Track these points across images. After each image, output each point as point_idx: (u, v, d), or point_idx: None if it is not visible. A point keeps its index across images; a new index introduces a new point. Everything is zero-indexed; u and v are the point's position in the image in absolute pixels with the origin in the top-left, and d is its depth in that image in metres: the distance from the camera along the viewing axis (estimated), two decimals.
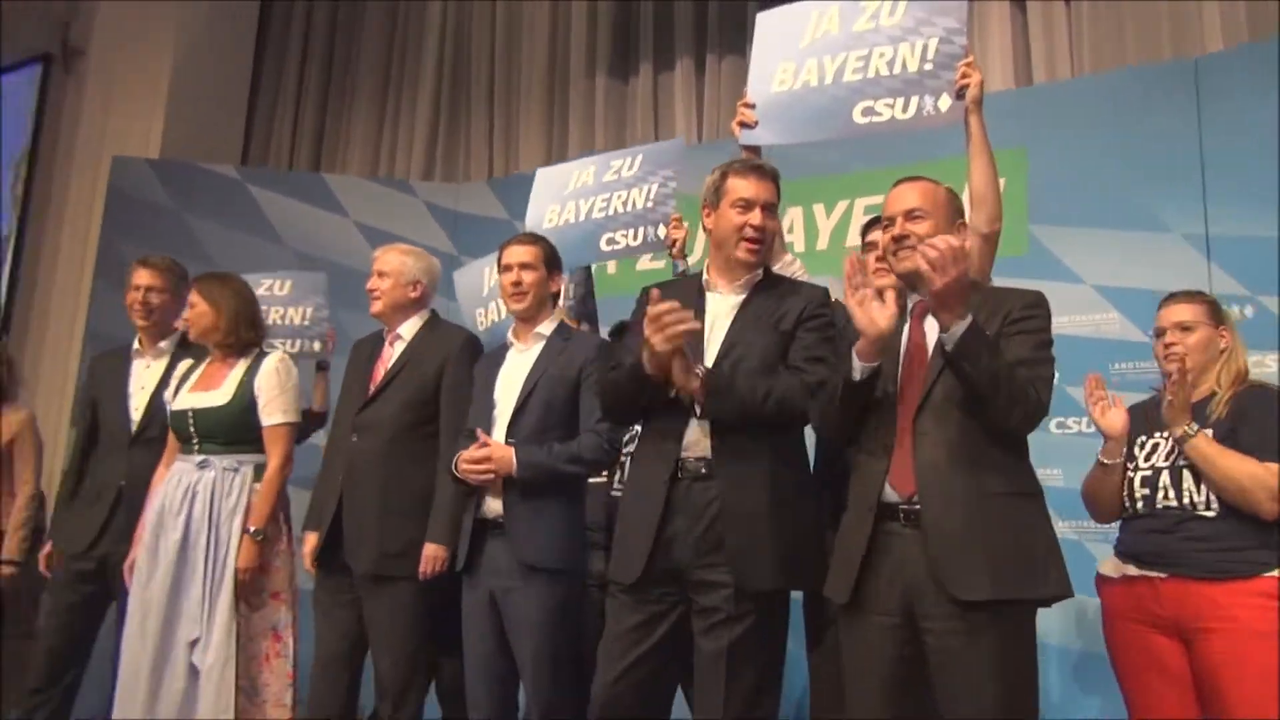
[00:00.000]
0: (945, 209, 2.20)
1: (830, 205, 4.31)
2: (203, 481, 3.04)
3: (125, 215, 5.29)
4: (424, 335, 3.14)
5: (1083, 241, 3.75)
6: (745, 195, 2.45)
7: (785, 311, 2.42)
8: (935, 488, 2.04)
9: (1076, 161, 3.81)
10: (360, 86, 6.54)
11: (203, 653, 2.93)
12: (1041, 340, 2.10)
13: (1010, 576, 1.98)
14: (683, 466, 2.35)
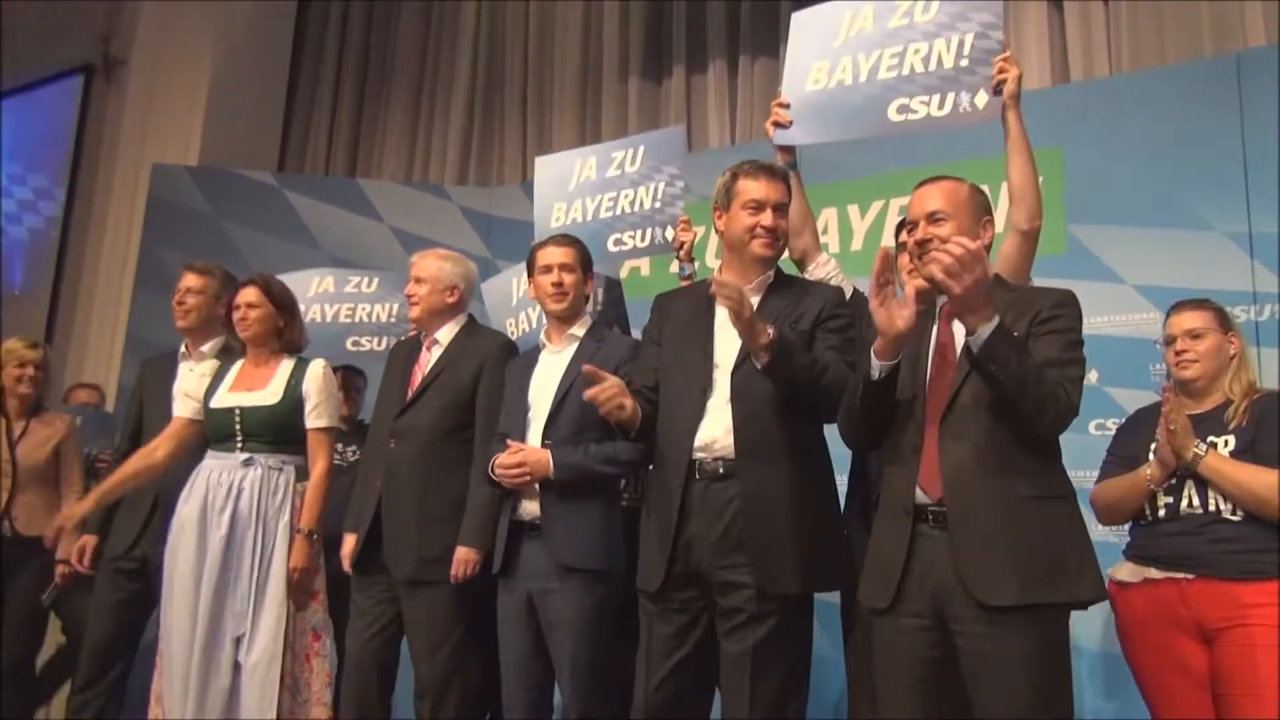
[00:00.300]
0: (969, 208, 2.17)
1: (865, 206, 4.29)
2: (248, 479, 3.06)
3: (165, 222, 5.36)
4: (461, 340, 3.16)
5: (1123, 240, 3.71)
6: (756, 196, 2.46)
7: (802, 312, 2.43)
8: (961, 491, 2.02)
9: (1115, 160, 3.76)
10: (394, 91, 6.61)
11: (247, 650, 2.95)
12: (1071, 340, 2.07)
13: (1039, 580, 1.96)
14: (700, 467, 2.36)
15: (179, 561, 3.00)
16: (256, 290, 3.22)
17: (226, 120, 6.22)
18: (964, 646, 2.00)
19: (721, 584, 2.31)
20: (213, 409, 3.14)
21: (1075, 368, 2.06)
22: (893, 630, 2.09)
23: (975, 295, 1.93)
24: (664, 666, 2.37)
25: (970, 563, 1.98)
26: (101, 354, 5.91)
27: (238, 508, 3.02)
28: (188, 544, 3.00)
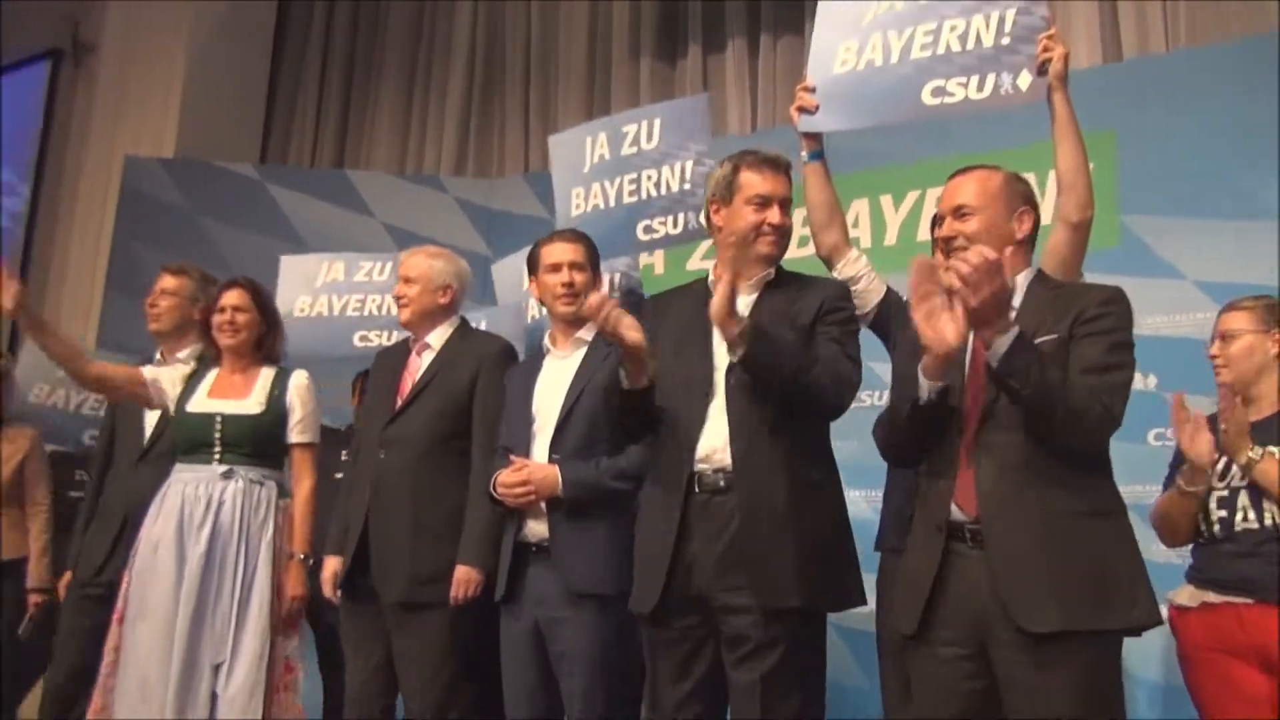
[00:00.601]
0: (1001, 199, 2.16)
1: (899, 197, 4.28)
2: (229, 491, 3.06)
3: (138, 218, 5.40)
4: (455, 343, 3.15)
5: (1181, 232, 3.69)
6: (761, 191, 2.45)
7: (802, 306, 2.42)
8: (998, 508, 2.01)
9: (1173, 144, 3.74)
10: (386, 76, 6.62)
11: (226, 679, 2.94)
12: (1115, 342, 2.04)
13: (1084, 605, 1.94)
14: (700, 480, 2.35)
15: (154, 581, 2.98)
16: (243, 293, 3.22)
17: (204, 108, 6.24)
18: (1004, 676, 1.98)
19: (722, 608, 2.31)
20: (189, 413, 3.13)
21: (1119, 373, 2.03)
22: (929, 660, 2.08)
23: (990, 308, 1.93)
24: (672, 699, 2.37)
25: (1009, 585, 1.96)
26: None
27: (218, 523, 3.02)
28: (163, 563, 2.98)
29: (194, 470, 3.10)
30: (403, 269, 3.20)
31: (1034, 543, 1.97)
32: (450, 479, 2.98)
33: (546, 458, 2.74)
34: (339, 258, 4.07)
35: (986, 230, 2.12)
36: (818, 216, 2.73)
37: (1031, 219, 2.17)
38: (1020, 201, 2.18)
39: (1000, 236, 2.13)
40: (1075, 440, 1.99)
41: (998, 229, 2.13)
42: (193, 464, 3.11)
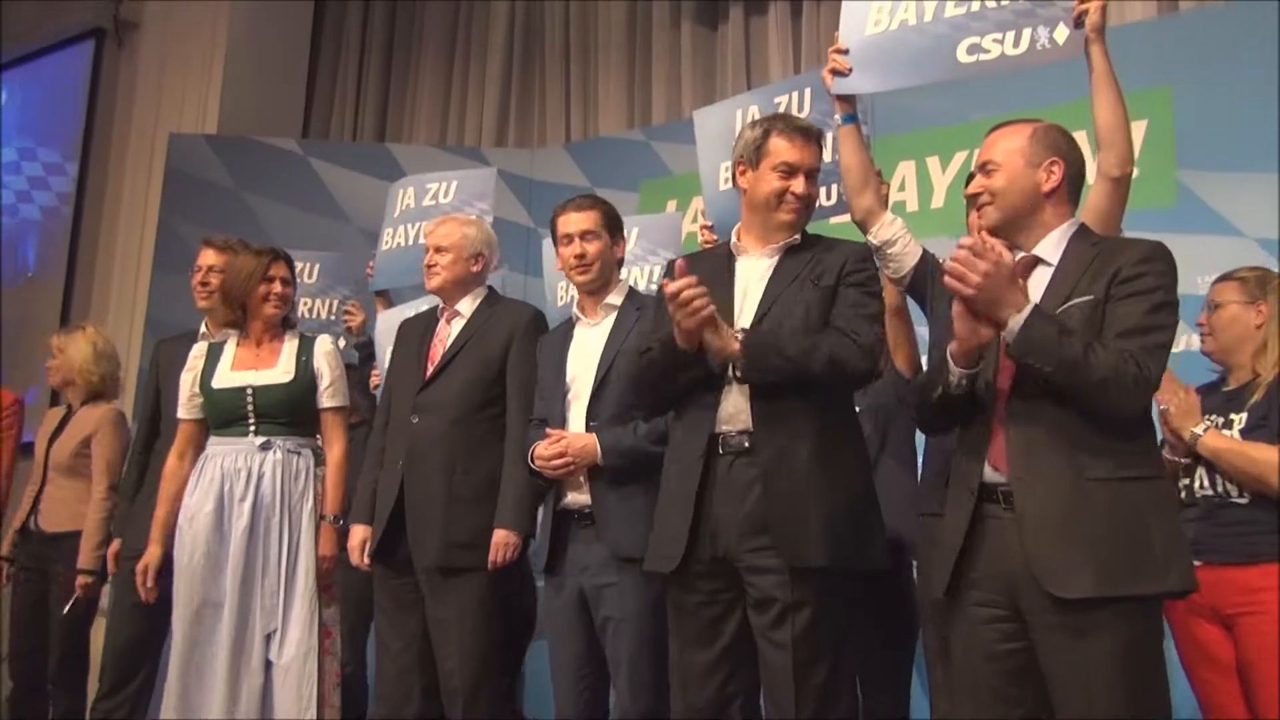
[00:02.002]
0: (1024, 153, 2.13)
1: (946, 158, 4.23)
2: (268, 463, 3.11)
3: (184, 195, 5.46)
4: (484, 311, 3.19)
5: (1241, 188, 3.62)
6: (789, 159, 2.44)
7: (825, 268, 2.41)
8: (1027, 472, 1.99)
9: (1231, 98, 3.67)
10: (426, 49, 6.64)
11: (280, 647, 3.01)
12: (1156, 303, 2.00)
13: (1117, 570, 1.91)
14: (723, 442, 2.36)
15: (194, 557, 3.04)
16: (287, 267, 3.29)
17: (246, 85, 6.28)
18: (1039, 641, 1.97)
19: (749, 569, 2.31)
20: (219, 390, 3.17)
21: (1158, 334, 1.99)
22: (967, 622, 2.07)
23: (988, 293, 1.92)
24: (697, 669, 2.37)
25: (1037, 549, 1.95)
26: (120, 337, 5.99)
27: (259, 495, 3.07)
28: (202, 537, 3.04)
29: (230, 443, 3.15)
30: (433, 238, 3.23)
31: (1064, 506, 1.95)
32: (484, 445, 3.02)
33: (584, 426, 2.77)
34: (410, 181, 4.09)
35: (1009, 184, 2.11)
36: (852, 180, 2.71)
37: (1061, 169, 2.14)
38: (1049, 152, 2.14)
39: (1024, 189, 2.12)
40: (1105, 405, 1.96)
41: (1022, 181, 2.11)
42: (228, 437, 3.16)
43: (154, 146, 6.18)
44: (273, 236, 4.92)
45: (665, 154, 5.08)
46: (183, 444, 3.21)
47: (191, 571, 3.04)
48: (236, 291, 3.21)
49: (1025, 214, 2.12)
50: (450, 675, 2.98)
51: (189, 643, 3.02)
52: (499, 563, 2.91)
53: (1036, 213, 2.12)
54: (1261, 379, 2.67)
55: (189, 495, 3.11)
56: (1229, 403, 2.71)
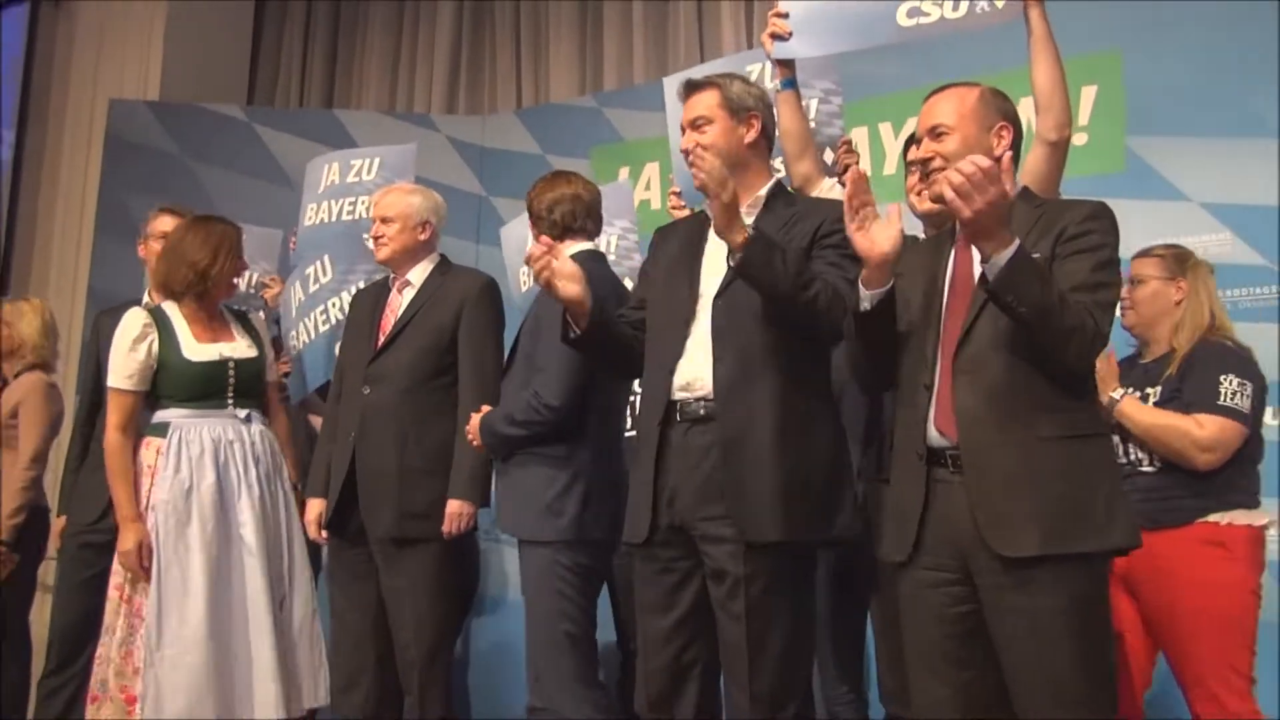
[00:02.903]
0: (976, 117, 2.13)
1: (898, 124, 4.22)
2: (255, 435, 3.13)
3: (126, 163, 5.34)
4: (436, 279, 3.18)
5: (1188, 153, 3.64)
6: (681, 121, 2.47)
7: (798, 230, 2.39)
8: (975, 433, 2.00)
9: (1180, 64, 3.68)
10: (374, 13, 6.52)
11: (290, 611, 3.06)
12: (1101, 260, 2.02)
13: (1064, 529, 1.94)
14: (681, 409, 2.34)
15: (203, 533, 2.97)
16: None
17: (188, 49, 6.14)
18: (988, 602, 1.99)
19: (703, 537, 2.30)
20: (198, 362, 3.11)
21: (1106, 291, 2.02)
22: (915, 585, 2.08)
23: (989, 219, 1.88)
24: (657, 635, 2.38)
25: (987, 511, 1.96)
26: (62, 308, 5.87)
27: (259, 466, 3.09)
28: (212, 512, 2.99)
29: (210, 415, 3.10)
30: (378, 209, 3.23)
31: (1014, 467, 1.97)
32: (437, 414, 3.03)
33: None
34: (335, 157, 4.09)
35: (964, 148, 2.09)
36: (791, 146, 2.72)
37: (1010, 134, 2.15)
38: (998, 117, 2.15)
39: (978, 154, 2.10)
40: (1067, 359, 1.97)
41: (976, 146, 2.10)
42: (205, 410, 3.10)
43: (94, 113, 6.02)
44: (218, 204, 4.82)
45: (617, 120, 5.03)
46: (126, 417, 3.08)
47: (204, 546, 2.97)
48: (214, 267, 3.14)
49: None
50: (406, 647, 2.98)
51: (217, 623, 2.94)
52: (453, 533, 2.91)
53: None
54: (1177, 353, 2.77)
55: (170, 469, 3.03)
56: (1145, 376, 2.83)
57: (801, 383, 2.34)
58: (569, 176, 3.16)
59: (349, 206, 3.88)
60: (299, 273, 3.85)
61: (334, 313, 3.74)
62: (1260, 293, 3.46)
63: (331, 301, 3.76)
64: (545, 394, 2.82)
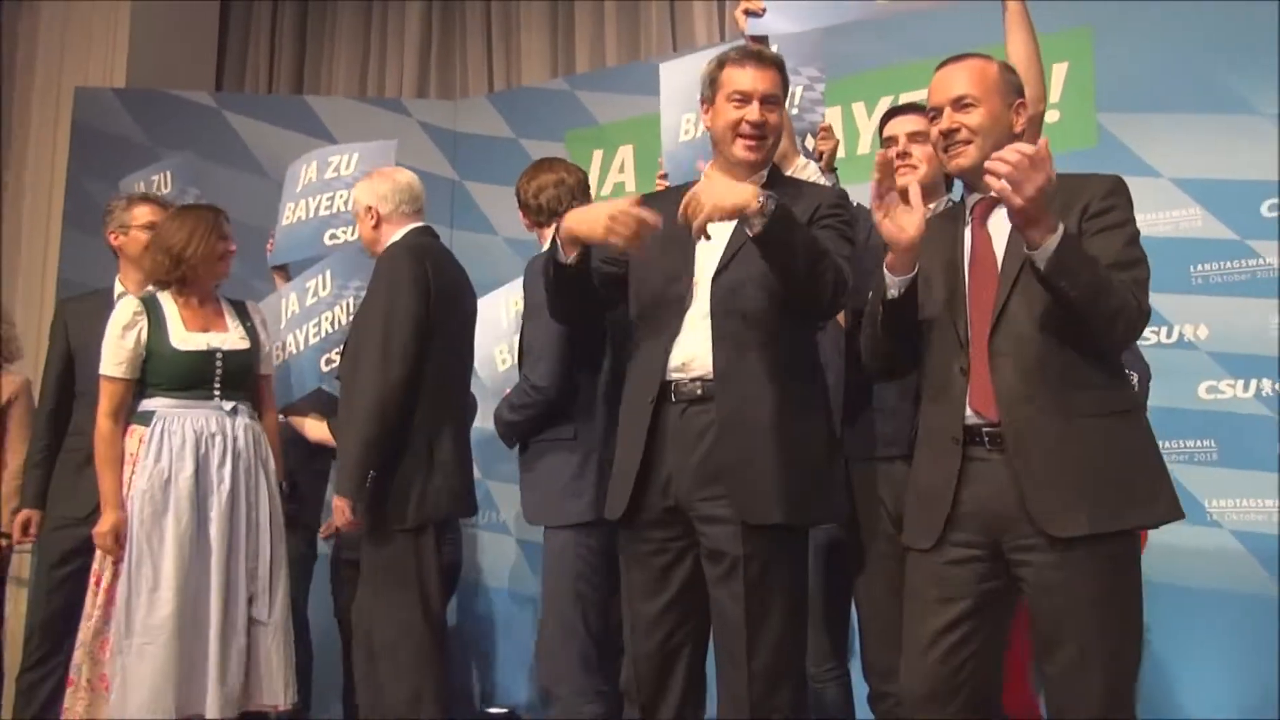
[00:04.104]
0: (1000, 91, 2.11)
1: (872, 103, 4.21)
2: (239, 427, 3.10)
3: (93, 151, 5.26)
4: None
5: (1159, 129, 3.66)
6: (742, 88, 2.37)
7: (797, 212, 2.34)
8: (1019, 414, 1.98)
9: (1149, 40, 3.70)
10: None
11: (268, 607, 3.05)
12: (1131, 235, 2.02)
13: (1110, 506, 1.94)
14: (676, 389, 2.32)
15: (182, 523, 2.97)
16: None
17: (155, 35, 6.05)
18: (1030, 578, 1.98)
19: (700, 518, 2.30)
20: (185, 351, 3.08)
21: (1140, 268, 2.00)
22: (935, 563, 2.07)
23: (1037, 206, 1.85)
24: (648, 617, 2.37)
25: (1035, 490, 1.95)
26: (32, 299, 5.83)
27: (238, 458, 3.06)
28: (186, 502, 2.98)
29: (194, 406, 3.08)
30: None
31: (1056, 444, 1.96)
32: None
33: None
34: (314, 155, 4.06)
35: (993, 122, 2.07)
36: None
37: (1025, 111, 2.14)
38: (1015, 93, 2.14)
39: (1003, 129, 2.09)
40: (1112, 339, 1.98)
41: (1001, 120, 2.08)
42: (191, 400, 3.08)
43: (59, 101, 5.92)
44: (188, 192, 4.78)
45: (590, 103, 5.01)
46: (116, 404, 3.08)
47: (177, 537, 2.97)
48: (189, 249, 3.10)
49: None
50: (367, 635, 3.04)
51: (185, 615, 2.94)
52: (341, 530, 3.00)
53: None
54: None
55: (150, 458, 3.01)
56: None
57: (796, 364, 2.34)
58: (552, 163, 3.20)
59: (326, 201, 3.91)
60: (299, 284, 3.82)
61: (325, 325, 3.72)
62: (1231, 266, 3.49)
63: (325, 315, 3.74)
64: (533, 375, 2.89)
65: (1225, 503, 3.43)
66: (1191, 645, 3.39)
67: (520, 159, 5.04)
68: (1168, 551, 3.41)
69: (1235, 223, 3.50)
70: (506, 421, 3.01)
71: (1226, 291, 3.49)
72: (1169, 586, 3.42)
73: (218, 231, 3.16)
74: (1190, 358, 3.53)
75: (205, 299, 3.18)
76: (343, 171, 3.89)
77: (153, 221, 3.45)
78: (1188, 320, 3.55)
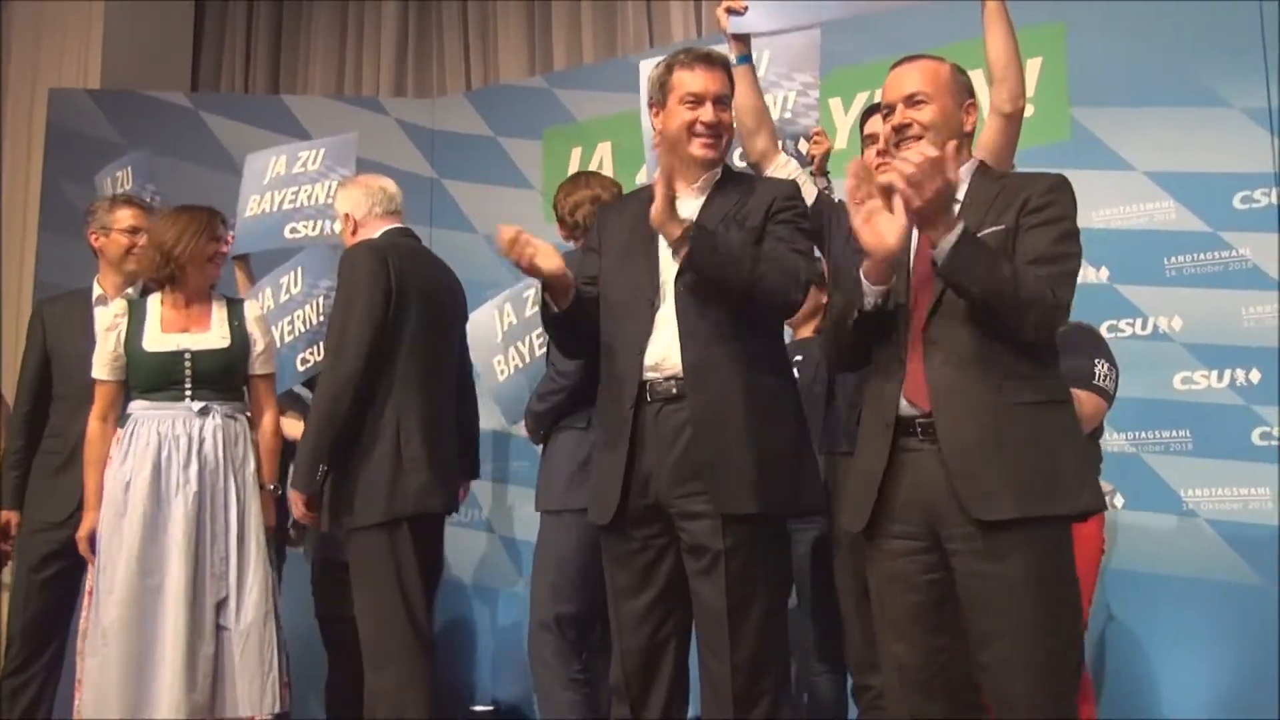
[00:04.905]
0: (951, 89, 2.16)
1: (848, 99, 4.24)
2: (208, 429, 3.05)
3: (68, 153, 5.22)
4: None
5: (1132, 123, 3.69)
6: (693, 90, 2.42)
7: (751, 208, 2.41)
8: (950, 401, 2.02)
9: (1122, 34, 3.72)
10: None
11: (237, 613, 2.98)
12: (1063, 231, 2.05)
13: (1036, 492, 1.97)
14: (652, 389, 2.35)
15: (133, 523, 2.94)
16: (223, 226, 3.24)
17: (129, 35, 6.02)
18: (961, 568, 2.01)
19: (680, 514, 2.33)
20: (153, 352, 3.06)
21: (1067, 262, 2.05)
22: (885, 554, 2.11)
23: (935, 206, 1.92)
24: (633, 615, 2.40)
25: (961, 476, 1.99)
26: (9, 302, 5.79)
27: (203, 460, 3.01)
28: (142, 507, 2.95)
29: (164, 408, 3.05)
30: None
31: (985, 433, 1.99)
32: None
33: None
34: (283, 150, 4.11)
35: (943, 119, 2.12)
36: (746, 121, 2.72)
37: (976, 111, 2.19)
38: (966, 94, 2.19)
39: (953, 127, 2.14)
40: (1024, 331, 2.00)
41: (952, 118, 2.13)
42: (162, 402, 3.06)
43: (33, 102, 5.88)
44: (167, 193, 4.75)
45: (568, 100, 5.00)
46: (104, 406, 3.09)
47: (130, 540, 2.93)
48: (179, 247, 3.08)
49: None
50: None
51: (132, 618, 2.91)
52: (301, 523, 2.98)
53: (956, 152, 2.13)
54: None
55: (118, 461, 3.00)
56: None
57: (765, 358, 2.39)
58: (588, 178, 3.29)
59: (290, 196, 3.96)
60: (272, 279, 3.82)
61: (299, 324, 3.72)
62: (1204, 258, 3.53)
63: (298, 313, 3.74)
64: (559, 362, 2.95)
65: (1201, 492, 3.46)
66: (1167, 633, 3.42)
67: (498, 157, 5.06)
68: (1144, 540, 3.47)
69: (1208, 215, 3.53)
70: (535, 413, 3.10)
71: (1200, 283, 3.52)
72: (1145, 575, 3.47)
73: (210, 232, 3.13)
74: (1165, 349, 3.56)
75: (194, 299, 3.15)
76: (309, 167, 3.95)
77: (135, 225, 3.46)
78: (1162, 312, 3.58)
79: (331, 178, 3.90)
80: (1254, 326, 3.43)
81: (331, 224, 3.71)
